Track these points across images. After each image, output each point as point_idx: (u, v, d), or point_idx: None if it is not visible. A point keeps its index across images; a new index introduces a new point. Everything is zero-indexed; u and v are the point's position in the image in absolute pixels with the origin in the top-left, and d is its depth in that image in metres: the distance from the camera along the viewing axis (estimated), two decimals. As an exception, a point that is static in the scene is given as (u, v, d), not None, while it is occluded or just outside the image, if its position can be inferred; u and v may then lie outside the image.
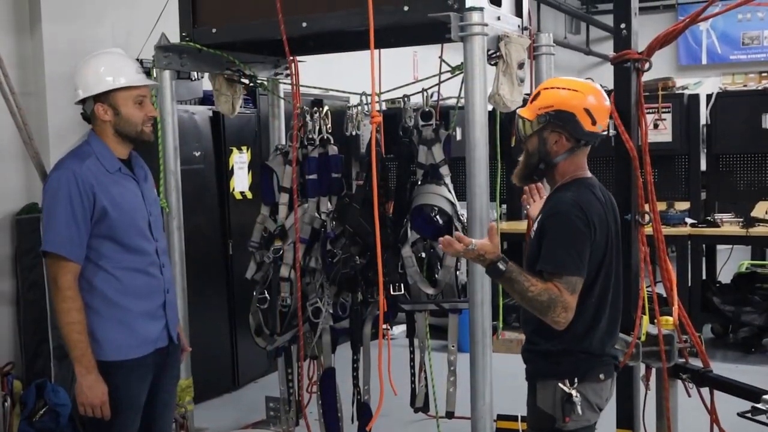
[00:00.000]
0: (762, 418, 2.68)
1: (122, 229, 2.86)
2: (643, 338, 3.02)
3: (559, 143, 2.65)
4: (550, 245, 2.54)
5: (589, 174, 2.74)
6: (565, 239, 2.54)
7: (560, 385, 2.61)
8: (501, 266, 2.48)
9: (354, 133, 3.79)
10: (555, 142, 2.64)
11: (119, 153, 2.96)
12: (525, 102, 2.89)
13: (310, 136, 3.78)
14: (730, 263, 7.18)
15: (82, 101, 2.95)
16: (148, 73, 4.78)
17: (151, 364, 2.97)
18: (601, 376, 2.68)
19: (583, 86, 2.69)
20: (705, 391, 3.08)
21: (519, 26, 3.37)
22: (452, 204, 3.50)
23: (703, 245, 6.60)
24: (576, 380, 2.62)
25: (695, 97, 6.83)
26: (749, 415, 2.72)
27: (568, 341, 2.61)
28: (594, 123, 2.63)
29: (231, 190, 5.70)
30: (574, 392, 2.60)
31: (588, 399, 2.64)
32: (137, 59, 4.96)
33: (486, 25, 2.91)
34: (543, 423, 2.68)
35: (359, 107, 3.76)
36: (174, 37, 3.62)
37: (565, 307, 2.49)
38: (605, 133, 2.73)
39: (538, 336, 2.69)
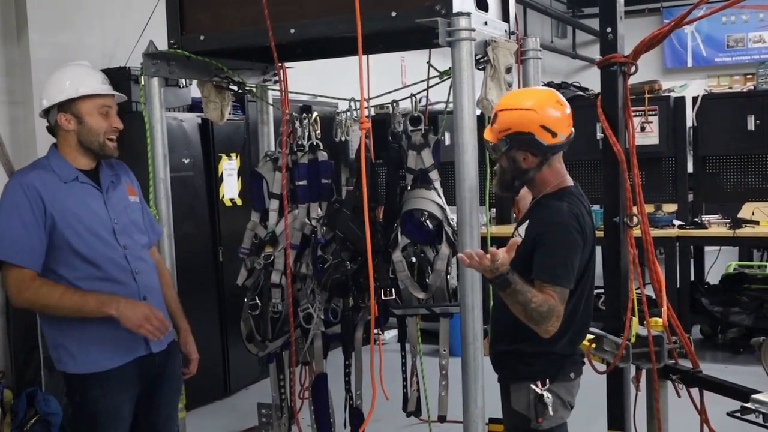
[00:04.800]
0: (751, 417, 2.70)
1: (77, 238, 2.80)
2: (632, 340, 3.03)
3: (527, 160, 2.71)
4: (548, 255, 2.58)
5: (571, 182, 2.80)
6: (563, 251, 2.58)
7: (533, 386, 2.66)
8: (510, 278, 2.48)
9: (343, 138, 3.79)
10: (523, 159, 2.71)
11: (80, 164, 2.92)
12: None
13: (300, 143, 3.78)
14: (718, 264, 7.22)
15: (47, 112, 2.92)
16: (135, 81, 4.81)
17: (134, 375, 2.91)
18: (572, 374, 2.76)
19: (538, 101, 2.71)
20: (695, 391, 3.10)
21: (506, 31, 3.39)
22: (442, 208, 3.51)
23: (691, 247, 6.63)
24: (548, 381, 2.68)
25: (681, 100, 6.89)
26: (738, 414, 2.74)
27: (539, 343, 2.66)
28: (555, 135, 2.66)
29: (221, 197, 5.70)
30: (545, 393, 2.65)
31: (561, 397, 2.71)
32: (125, 67, 5.01)
33: (473, 30, 2.93)
34: (519, 424, 2.75)
35: (348, 113, 3.77)
36: (162, 45, 3.62)
37: (558, 317, 2.54)
38: (571, 138, 2.75)
39: (510, 338, 2.74)
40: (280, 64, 3.70)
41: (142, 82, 3.61)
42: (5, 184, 2.87)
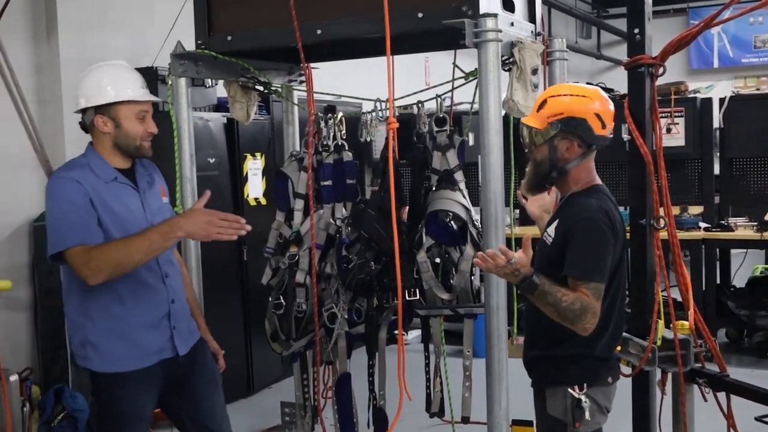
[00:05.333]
0: (779, 422, 2.68)
1: (116, 238, 2.78)
2: (659, 343, 3.01)
3: (571, 149, 2.66)
4: (578, 251, 2.54)
5: (599, 181, 2.77)
6: (593, 246, 2.55)
7: (570, 390, 2.63)
8: (536, 280, 2.46)
9: (368, 139, 3.81)
10: (566, 148, 2.66)
11: (116, 164, 2.92)
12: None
13: (325, 143, 3.80)
14: (745, 267, 7.15)
15: (83, 111, 2.92)
16: (163, 81, 4.86)
17: (159, 376, 2.93)
18: (609, 379, 2.72)
19: (589, 91, 2.73)
20: (722, 395, 3.07)
21: (532, 32, 3.38)
22: (467, 209, 3.51)
23: (717, 249, 6.57)
24: (585, 385, 2.64)
25: (708, 101, 6.82)
26: (767, 419, 2.71)
27: (576, 346, 2.63)
28: (604, 126, 2.66)
29: (245, 196, 5.73)
30: (583, 397, 2.62)
31: (598, 402, 2.67)
32: (152, 67, 5.06)
33: (500, 31, 2.92)
34: (554, 429, 2.70)
35: (373, 113, 3.78)
36: (189, 45, 3.65)
37: (594, 314, 2.50)
38: (611, 136, 2.74)
39: (545, 341, 2.71)
40: (305, 65, 3.71)
41: (170, 82, 3.64)
42: (47, 183, 2.88)
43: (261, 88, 3.96)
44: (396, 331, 4.16)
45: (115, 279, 2.75)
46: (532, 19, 3.42)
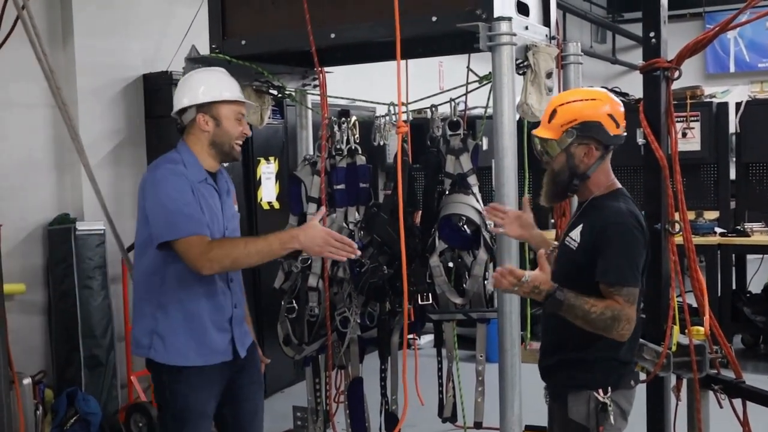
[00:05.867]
0: (796, 429, 2.65)
1: None
2: (674, 349, 2.99)
3: (589, 154, 2.63)
4: (612, 257, 2.50)
5: (619, 184, 2.73)
6: (626, 250, 2.51)
7: (595, 394, 2.60)
8: (560, 296, 2.41)
9: (382, 143, 3.80)
10: (584, 154, 2.62)
11: (207, 165, 2.97)
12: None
13: (338, 147, 3.80)
14: (761, 273, 7.08)
15: (182, 112, 2.96)
16: (177, 85, 4.87)
17: (219, 377, 2.97)
18: (632, 383, 2.69)
19: (597, 94, 2.68)
20: (737, 402, 3.04)
21: (547, 36, 3.37)
22: (480, 213, 3.50)
23: (733, 255, 6.52)
24: (609, 389, 2.60)
25: (724, 106, 6.78)
26: (783, 426, 2.69)
27: (601, 350, 2.59)
28: (618, 126, 2.63)
29: (258, 200, 5.74)
30: (608, 401, 2.58)
31: (621, 407, 2.63)
32: (167, 71, 5.08)
33: (514, 35, 2.92)
34: None
35: (386, 117, 3.78)
36: (204, 49, 3.66)
37: (629, 320, 2.45)
38: (626, 134, 2.71)
39: (568, 346, 2.67)
40: (319, 69, 3.71)
41: (184, 86, 3.64)
42: (151, 175, 2.88)
43: (275, 92, 3.96)
44: (409, 336, 4.16)
45: (198, 277, 2.81)
46: (546, 23, 3.41)
